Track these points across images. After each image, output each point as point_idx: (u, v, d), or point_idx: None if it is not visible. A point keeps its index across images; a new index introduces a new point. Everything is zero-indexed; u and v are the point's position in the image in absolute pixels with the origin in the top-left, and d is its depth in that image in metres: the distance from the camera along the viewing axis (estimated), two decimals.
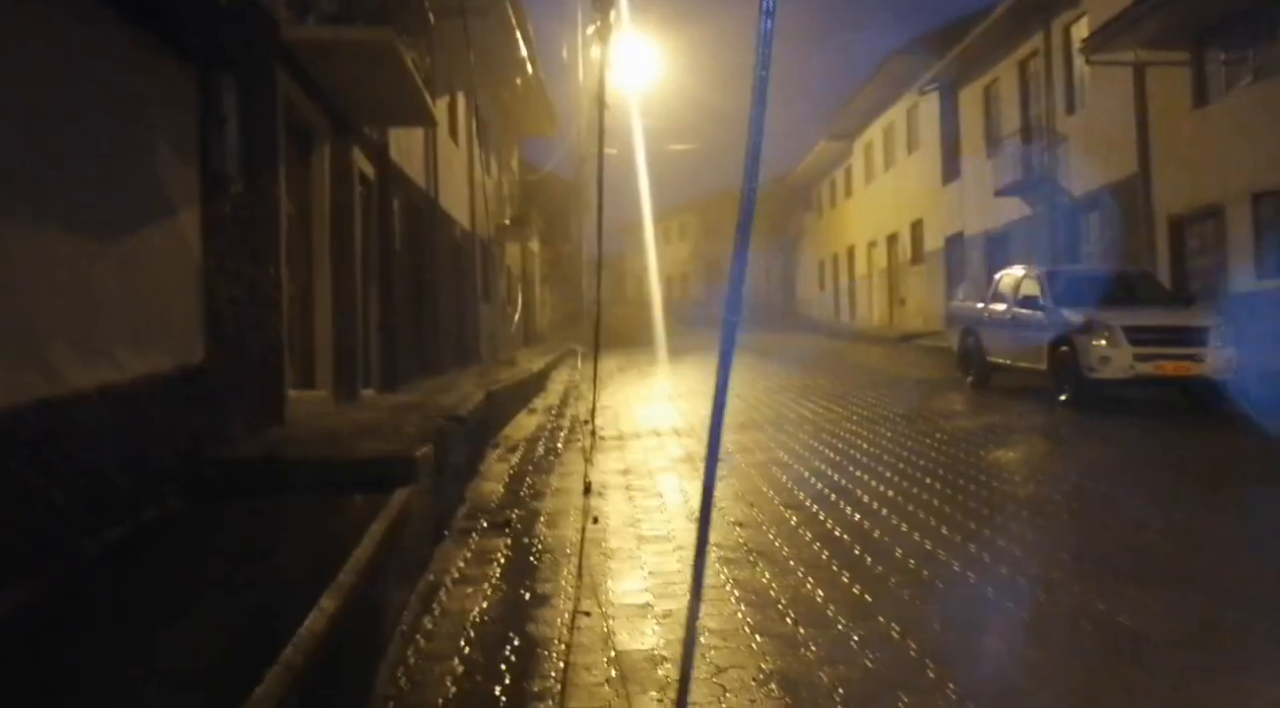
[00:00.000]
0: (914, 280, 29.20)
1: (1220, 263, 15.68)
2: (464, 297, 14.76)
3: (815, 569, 5.13)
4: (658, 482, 7.71)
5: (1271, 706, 3.45)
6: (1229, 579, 4.88)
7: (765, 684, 3.65)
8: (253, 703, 2.42)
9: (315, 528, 4.16)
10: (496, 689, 3.66)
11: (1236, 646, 4.01)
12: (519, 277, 23.22)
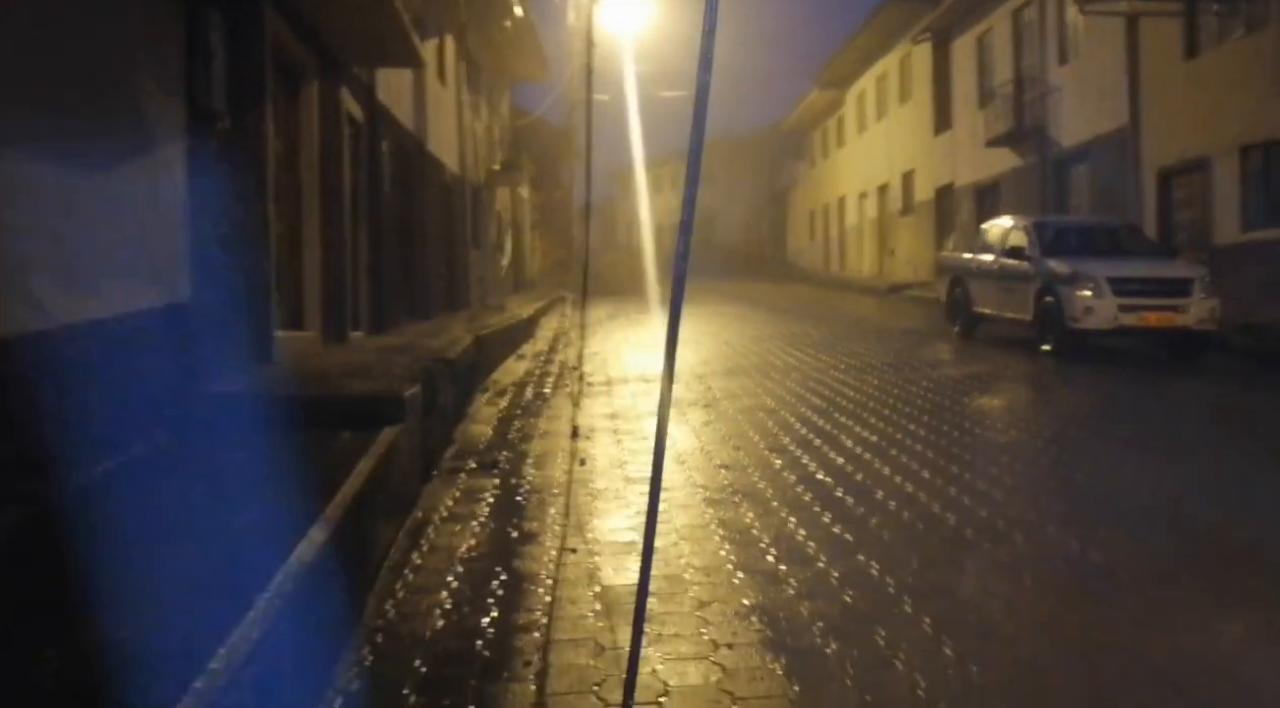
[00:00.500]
0: (904, 231, 29.18)
1: (1206, 215, 15.72)
2: (453, 242, 14.72)
3: (798, 510, 5.21)
4: (644, 426, 7.78)
5: (1234, 638, 3.56)
6: (1201, 522, 4.99)
7: (746, 618, 3.74)
8: (245, 626, 2.48)
9: (304, 463, 4.21)
10: (484, 621, 3.74)
11: (1205, 583, 4.11)
12: (509, 223, 23.12)
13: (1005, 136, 21.37)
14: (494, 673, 3.30)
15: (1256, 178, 14.82)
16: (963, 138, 24.51)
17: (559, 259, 32.93)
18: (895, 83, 29.87)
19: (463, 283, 15.45)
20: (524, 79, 23.12)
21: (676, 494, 5.62)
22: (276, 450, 4.55)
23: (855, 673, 3.26)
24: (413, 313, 11.30)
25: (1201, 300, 11.48)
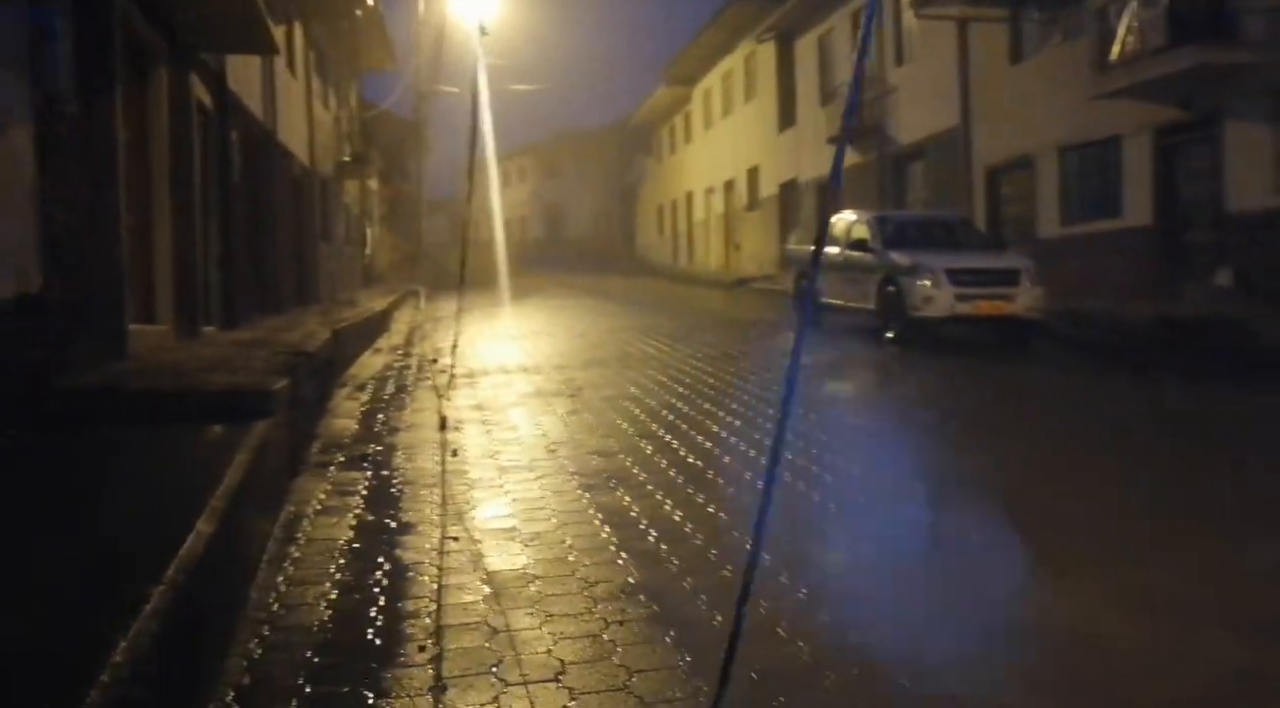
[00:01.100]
0: (750, 226, 29.97)
1: (1030, 211, 16.83)
2: (303, 235, 14.31)
3: (672, 492, 5.38)
4: (511, 416, 7.81)
5: (1055, 571, 3.90)
6: (1034, 491, 5.42)
7: (633, 595, 3.86)
8: (142, 620, 2.43)
9: (176, 458, 4.09)
10: (371, 611, 3.73)
11: (1039, 536, 4.49)
12: (358, 216, 22.57)
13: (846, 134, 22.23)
14: (388, 659, 3.31)
15: (1074, 176, 15.97)
16: (806, 135, 25.37)
17: (408, 254, 32.34)
18: (741, 80, 30.62)
19: (313, 277, 15.03)
20: (372, 69, 22.63)
21: (551, 481, 5.69)
22: (147, 445, 4.40)
23: (743, 642, 3.42)
24: (264, 307, 10.95)
25: (1029, 290, 12.31)
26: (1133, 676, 3.18)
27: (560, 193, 55.36)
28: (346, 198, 20.64)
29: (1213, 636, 3.45)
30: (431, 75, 24.10)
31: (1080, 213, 15.79)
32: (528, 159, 56.46)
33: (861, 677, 3.18)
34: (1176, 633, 3.49)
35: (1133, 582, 3.98)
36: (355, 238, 21.83)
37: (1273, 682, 3.16)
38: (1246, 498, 5.28)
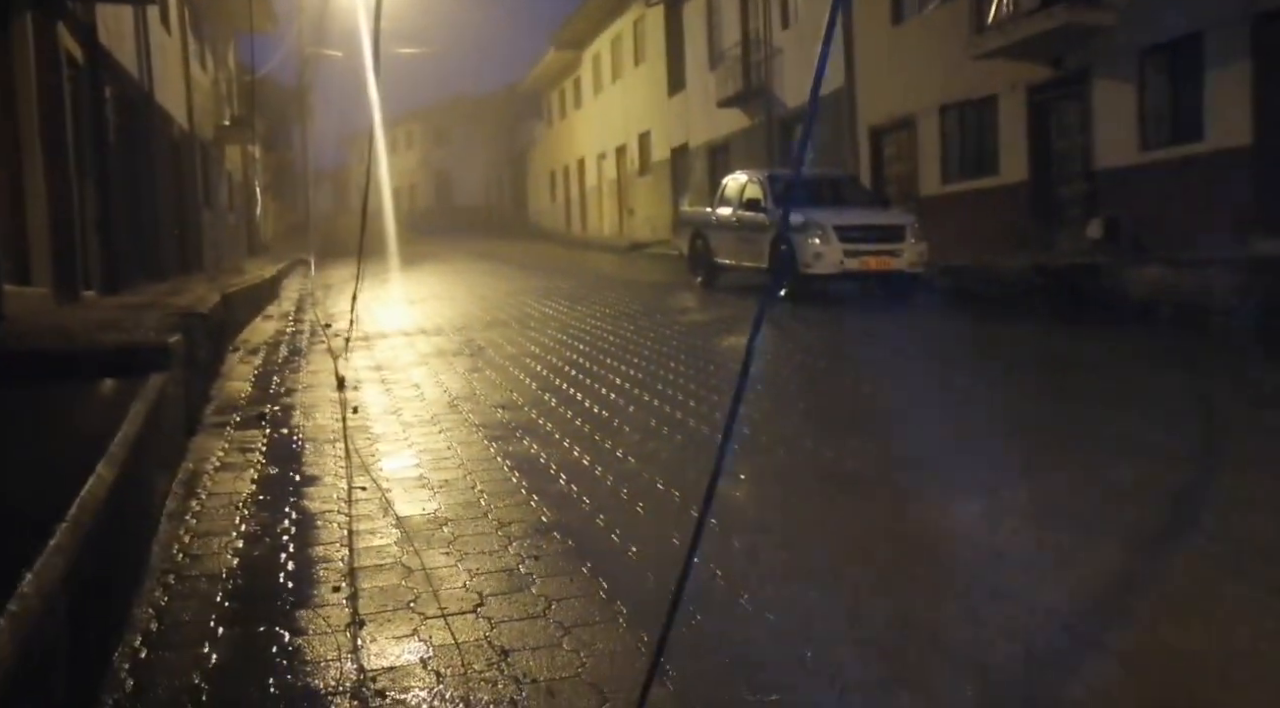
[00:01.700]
0: (642, 191, 30.03)
1: (913, 169, 17.31)
2: (185, 201, 13.77)
3: (579, 440, 5.43)
4: (411, 375, 7.74)
5: (960, 519, 4.10)
6: (929, 427, 5.66)
7: (547, 532, 3.91)
8: (48, 555, 2.37)
9: (68, 412, 3.95)
10: (281, 556, 3.69)
11: (938, 473, 4.69)
12: (242, 183, 21.79)
13: (735, 97, 22.44)
14: (302, 601, 3.29)
15: (953, 135, 16.47)
16: (695, 99, 25.50)
17: (293, 223, 31.41)
18: (630, 44, 30.53)
19: (197, 244, 14.50)
20: (251, 31, 21.78)
21: (457, 433, 5.68)
22: (34, 401, 4.23)
23: (656, 570, 3.50)
24: (148, 273, 10.54)
25: (913, 245, 12.70)
26: (1026, 578, 3.38)
27: (450, 160, 54.43)
28: (229, 165, 19.90)
29: (1089, 541, 3.68)
30: (314, 38, 23.36)
31: (960, 171, 16.32)
32: (416, 125, 55.28)
33: (780, 596, 3.29)
34: (1059, 540, 3.71)
35: (1011, 499, 4.20)
36: (239, 206, 21.09)
37: (1143, 580, 3.40)
38: (1095, 423, 5.61)
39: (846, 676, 2.70)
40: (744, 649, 2.88)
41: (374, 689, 2.69)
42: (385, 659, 2.86)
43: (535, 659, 2.84)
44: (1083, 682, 2.64)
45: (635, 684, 2.69)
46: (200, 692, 2.66)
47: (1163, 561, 3.57)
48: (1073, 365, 7.90)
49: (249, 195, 22.95)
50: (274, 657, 2.86)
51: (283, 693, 2.65)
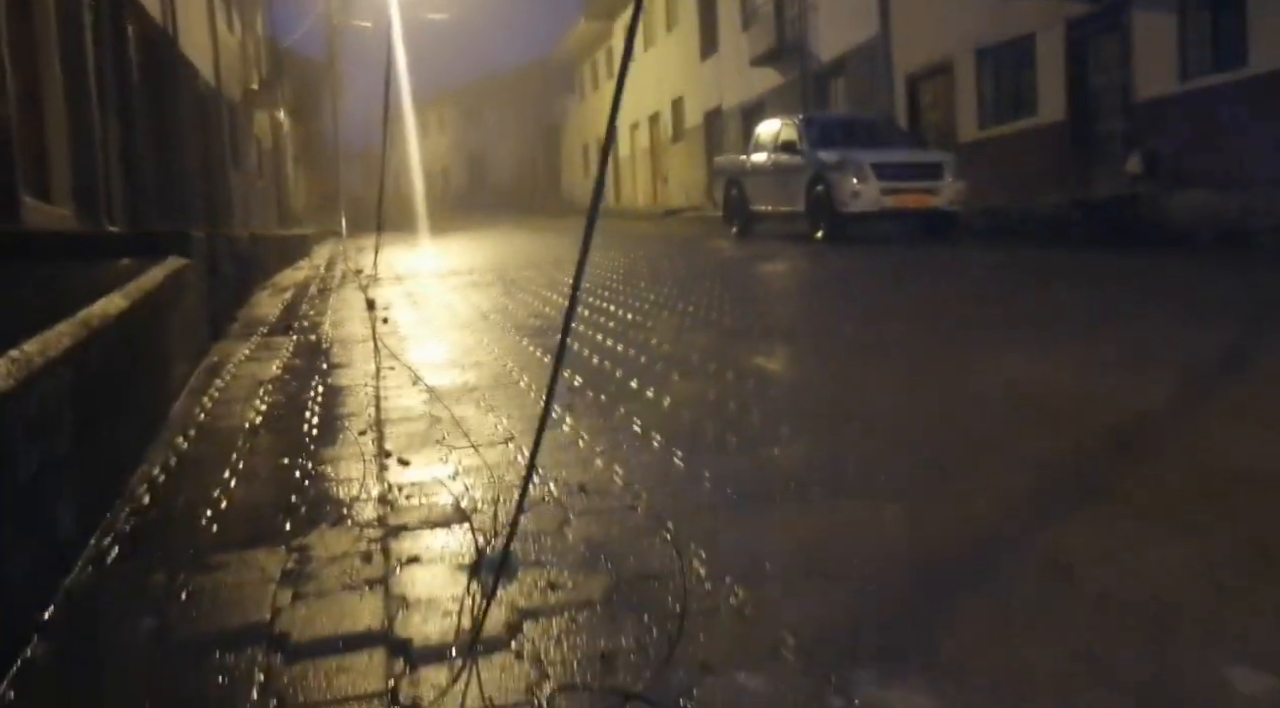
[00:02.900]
0: (676, 158, 29.78)
1: (950, 116, 16.94)
2: (211, 158, 13.75)
3: (612, 334, 5.29)
4: (443, 299, 7.63)
5: (949, 372, 3.91)
6: (945, 319, 5.46)
7: (581, 392, 3.77)
8: (47, 333, 2.24)
9: (85, 286, 3.85)
10: (306, 415, 3.57)
11: (948, 344, 4.51)
12: (271, 151, 21.83)
13: (768, 55, 22.12)
14: (327, 441, 3.17)
15: (990, 78, 16.09)
16: (728, 60, 25.19)
17: (324, 197, 31.49)
18: (662, 10, 30.23)
19: (225, 203, 14.50)
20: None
21: (487, 334, 5.56)
22: (56, 273, 4.15)
23: (691, 412, 3.35)
24: (172, 218, 10.51)
25: (951, 183, 12.41)
26: (1047, 424, 3.18)
27: (482, 140, 54.35)
28: (257, 131, 19.93)
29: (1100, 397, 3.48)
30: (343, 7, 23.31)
31: (997, 114, 15.93)
32: (447, 108, 55.21)
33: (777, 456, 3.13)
34: (1075, 397, 3.51)
35: (1027, 371, 4.00)
36: (269, 174, 21.14)
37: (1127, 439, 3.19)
38: (1113, 320, 5.38)
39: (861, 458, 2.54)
40: (782, 464, 2.73)
41: (402, 495, 2.56)
42: (413, 476, 2.73)
43: (568, 472, 2.70)
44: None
45: (670, 486, 2.55)
46: (219, 502, 2.54)
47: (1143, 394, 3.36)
48: (1100, 277, 7.63)
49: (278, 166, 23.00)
50: (298, 479, 2.74)
51: (305, 502, 2.53)
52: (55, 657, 1.73)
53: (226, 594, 1.97)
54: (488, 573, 1.98)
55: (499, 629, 1.77)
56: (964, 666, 1.54)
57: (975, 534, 2.15)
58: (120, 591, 2.03)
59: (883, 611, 1.77)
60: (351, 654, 1.70)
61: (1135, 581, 1.82)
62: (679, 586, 1.87)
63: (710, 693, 1.50)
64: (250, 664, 1.67)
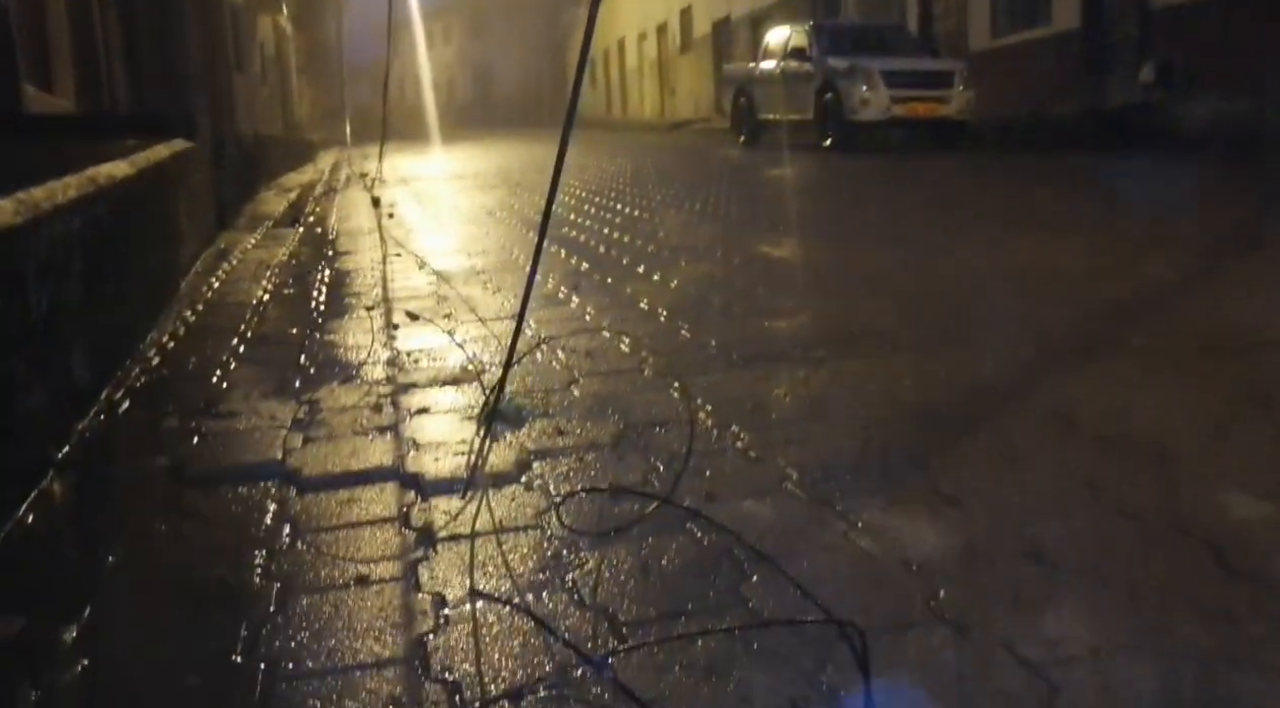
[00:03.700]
0: (684, 69, 29.22)
1: (962, 24, 16.55)
2: (215, 59, 13.48)
3: (618, 227, 5.26)
4: (448, 198, 7.59)
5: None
6: (945, 216, 5.42)
7: (587, 275, 3.76)
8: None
9: (92, 156, 3.82)
10: (314, 293, 3.58)
11: (953, 234, 4.48)
12: (275, 60, 21.43)
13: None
14: (335, 314, 3.19)
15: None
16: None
17: (329, 109, 31.02)
18: None
19: (229, 106, 14.27)
20: None
21: (493, 226, 5.54)
22: (50, 155, 4.11)
23: (696, 292, 3.35)
24: None
25: (961, 92, 12.19)
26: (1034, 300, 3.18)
27: (488, 53, 53.31)
28: (260, 35, 19.54)
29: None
30: None
31: (1010, 22, 15.56)
32: (454, 19, 54.03)
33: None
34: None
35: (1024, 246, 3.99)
36: (272, 81, 20.78)
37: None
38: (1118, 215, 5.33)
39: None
40: (787, 332, 2.74)
41: (410, 359, 2.58)
42: (418, 343, 2.75)
43: (575, 341, 2.71)
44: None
45: (676, 351, 2.57)
46: (228, 364, 2.56)
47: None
48: (1108, 180, 7.53)
49: (283, 75, 22.62)
50: (308, 346, 2.76)
51: (315, 364, 2.55)
52: (71, 488, 1.77)
53: (238, 438, 2.00)
54: (494, 417, 2.00)
55: (509, 467, 1.80)
56: (964, 495, 1.57)
57: (978, 388, 2.17)
58: (133, 434, 2.06)
59: (885, 452, 1.79)
60: (363, 488, 1.73)
61: (1135, 426, 1.84)
62: (685, 432, 1.89)
63: (716, 517, 1.52)
64: (263, 496, 1.71)
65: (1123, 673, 1.07)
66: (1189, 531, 1.40)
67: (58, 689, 1.15)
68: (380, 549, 1.49)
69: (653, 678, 1.11)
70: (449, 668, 1.16)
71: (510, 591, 1.34)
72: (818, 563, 1.36)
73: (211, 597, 1.36)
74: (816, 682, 1.09)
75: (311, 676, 1.16)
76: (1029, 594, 1.25)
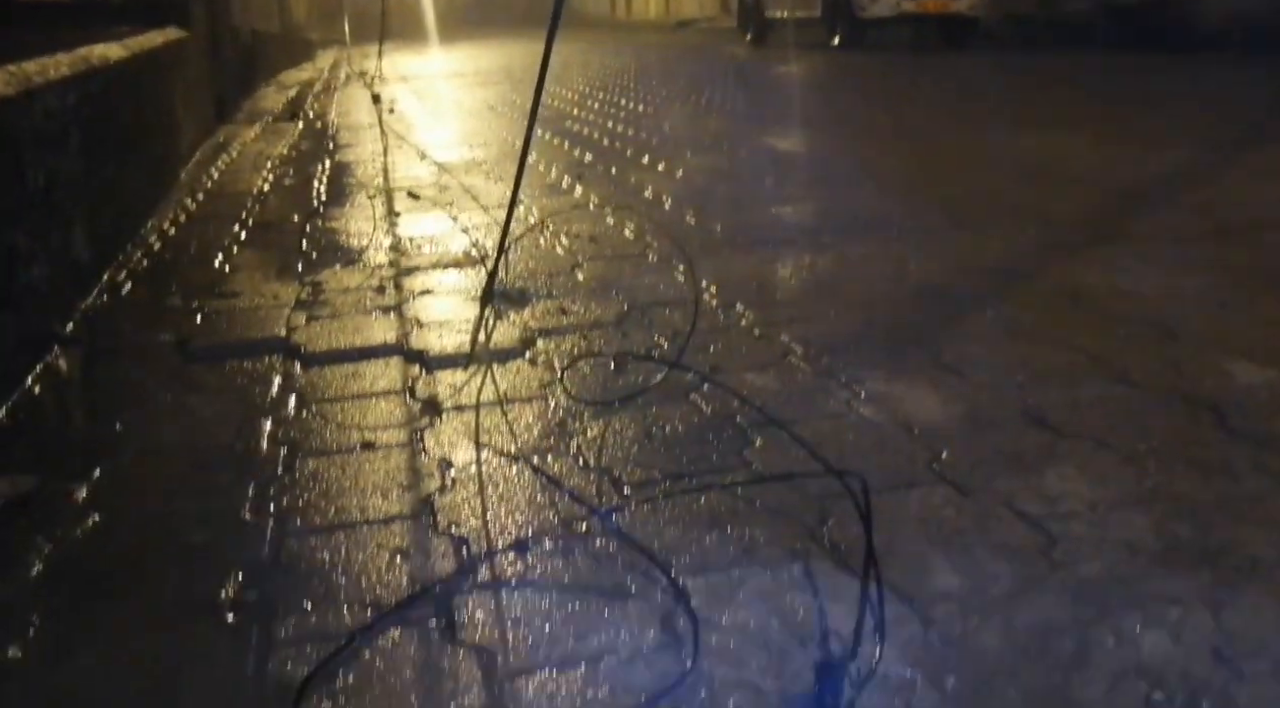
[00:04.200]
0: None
1: None
2: None
3: (622, 121, 5.17)
4: (449, 95, 7.46)
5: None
6: (954, 111, 5.33)
7: (591, 166, 3.72)
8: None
9: (85, 41, 3.74)
10: (315, 184, 3.54)
11: (963, 129, 4.40)
12: None
13: None
14: (338, 203, 3.16)
15: None
16: None
17: (326, 9, 30.31)
18: None
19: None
20: None
21: (494, 121, 5.46)
22: (41, 42, 4.03)
23: (702, 180, 3.31)
24: None
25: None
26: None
27: None
28: None
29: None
30: None
31: None
32: None
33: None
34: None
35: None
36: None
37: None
38: (1130, 110, 5.22)
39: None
40: (793, 218, 2.71)
41: (413, 245, 2.56)
42: (421, 229, 2.73)
43: (579, 227, 2.69)
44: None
45: (681, 236, 2.55)
46: (230, 249, 2.55)
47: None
48: (1121, 77, 7.37)
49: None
50: (310, 232, 2.74)
51: (317, 249, 2.53)
52: (76, 362, 1.78)
53: (241, 317, 2.00)
54: (496, 292, 2.00)
55: (513, 344, 1.80)
56: (967, 367, 1.57)
57: (985, 269, 2.15)
58: (137, 312, 2.06)
59: (889, 328, 1.79)
60: (368, 363, 1.74)
61: (1141, 303, 1.83)
62: (689, 312, 1.88)
63: (721, 385, 1.53)
64: (268, 370, 1.71)
65: (1121, 526, 1.08)
66: (1192, 397, 1.40)
67: (70, 543, 1.16)
68: (386, 418, 1.50)
69: (656, 532, 1.13)
70: (456, 524, 1.18)
71: (515, 454, 1.36)
72: (821, 429, 1.37)
73: (218, 461, 1.38)
74: (818, 535, 1.11)
75: (320, 531, 1.18)
76: (1030, 456, 1.26)
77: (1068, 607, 0.96)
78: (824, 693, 0.85)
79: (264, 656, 0.95)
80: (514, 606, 1.01)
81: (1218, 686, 0.84)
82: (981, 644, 0.91)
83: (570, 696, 0.87)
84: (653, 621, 0.97)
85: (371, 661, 0.93)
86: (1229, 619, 0.92)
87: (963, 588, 0.99)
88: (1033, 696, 0.84)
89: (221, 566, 1.10)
